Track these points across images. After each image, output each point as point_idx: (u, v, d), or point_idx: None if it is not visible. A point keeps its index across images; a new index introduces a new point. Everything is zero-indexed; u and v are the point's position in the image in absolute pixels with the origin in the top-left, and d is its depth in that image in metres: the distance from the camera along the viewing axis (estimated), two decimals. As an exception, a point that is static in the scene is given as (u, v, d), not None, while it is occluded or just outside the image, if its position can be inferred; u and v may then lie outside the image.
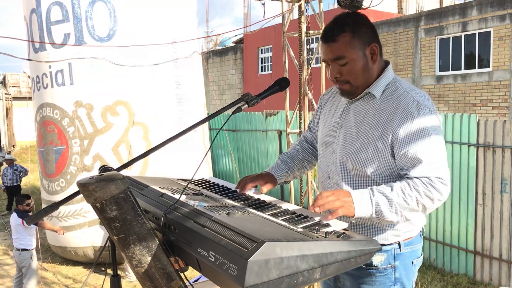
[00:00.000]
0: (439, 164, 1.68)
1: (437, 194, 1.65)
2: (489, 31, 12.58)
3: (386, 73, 1.84)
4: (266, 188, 1.94)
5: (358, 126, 1.83)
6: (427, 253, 6.27)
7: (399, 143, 1.70)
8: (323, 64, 5.79)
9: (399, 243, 1.84)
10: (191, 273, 4.19)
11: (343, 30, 1.75)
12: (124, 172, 1.47)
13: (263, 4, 5.56)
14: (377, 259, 1.83)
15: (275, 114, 9.17)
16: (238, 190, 1.90)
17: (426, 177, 1.65)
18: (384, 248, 1.80)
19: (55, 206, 1.44)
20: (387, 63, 1.88)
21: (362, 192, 1.64)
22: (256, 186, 1.95)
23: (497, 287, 5.50)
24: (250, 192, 1.91)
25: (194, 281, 4.23)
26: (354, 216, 1.61)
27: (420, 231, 1.93)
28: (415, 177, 1.66)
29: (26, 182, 11.25)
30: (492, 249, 5.56)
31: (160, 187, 1.76)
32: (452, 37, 13.50)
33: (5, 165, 11.03)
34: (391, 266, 1.84)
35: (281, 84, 1.82)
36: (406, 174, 1.70)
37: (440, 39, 13.76)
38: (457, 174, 5.78)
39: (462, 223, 5.83)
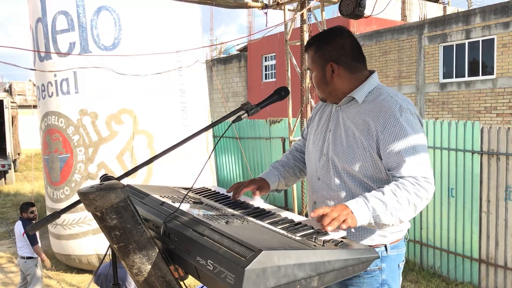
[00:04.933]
0: (423, 164, 1.76)
1: (425, 192, 1.71)
2: (493, 38, 12.57)
3: (369, 81, 1.95)
4: (257, 194, 2.01)
5: (346, 129, 1.93)
6: (431, 260, 6.23)
7: (384, 143, 1.79)
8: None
9: (385, 246, 1.90)
10: (194, 282, 4.19)
11: (310, 45, 2.00)
12: (128, 181, 1.49)
13: (266, 13, 5.60)
14: None
15: (278, 122, 9.18)
16: (230, 196, 1.95)
17: (412, 176, 1.72)
18: None
19: (56, 214, 1.46)
20: (371, 72, 2.00)
21: (356, 201, 1.67)
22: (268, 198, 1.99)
23: (502, 296, 5.46)
24: (257, 200, 1.94)
25: (197, 289, 4.23)
26: (356, 225, 1.63)
27: (404, 236, 1.99)
28: (401, 177, 1.73)
29: (31, 190, 11.31)
30: (497, 257, 5.52)
31: (160, 196, 1.78)
32: (456, 45, 13.50)
33: None
34: (378, 268, 1.88)
35: (281, 93, 1.84)
36: (393, 174, 1.77)
37: (444, 47, 13.77)
38: (461, 181, 5.76)
39: (467, 231, 5.80)
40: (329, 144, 1.98)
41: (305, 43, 5.60)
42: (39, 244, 5.37)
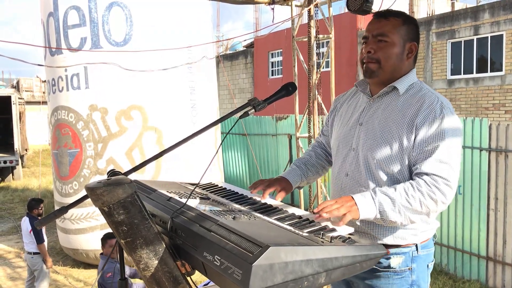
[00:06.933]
0: (450, 165, 1.70)
1: (441, 196, 1.66)
2: (502, 35, 12.45)
3: (411, 74, 1.91)
4: (281, 196, 1.94)
5: (382, 123, 1.85)
6: (438, 258, 6.20)
7: (420, 138, 1.74)
8: (333, 68, 5.79)
9: (416, 246, 1.85)
10: (201, 277, 4.20)
11: (397, 15, 1.90)
12: (136, 177, 1.49)
13: (272, 9, 5.58)
14: (395, 261, 1.83)
15: (285, 118, 9.16)
16: (251, 192, 1.92)
17: (432, 175, 1.67)
18: (402, 250, 1.83)
19: (64, 209, 1.46)
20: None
21: (363, 194, 1.66)
22: (273, 193, 1.96)
23: (510, 294, 5.43)
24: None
25: (204, 285, 4.25)
26: (359, 218, 1.63)
27: (433, 235, 1.95)
28: (420, 174, 1.69)
29: (38, 186, 11.37)
30: (505, 254, 5.49)
31: (167, 191, 1.78)
32: (464, 41, 13.39)
33: None
34: (409, 269, 1.84)
35: (288, 89, 1.83)
36: (415, 169, 1.73)
37: (452, 43, 13.65)
38: (469, 178, 5.73)
39: (474, 228, 5.77)
40: (359, 138, 1.90)
41: (312, 39, 5.58)
42: (45, 242, 5.40)
